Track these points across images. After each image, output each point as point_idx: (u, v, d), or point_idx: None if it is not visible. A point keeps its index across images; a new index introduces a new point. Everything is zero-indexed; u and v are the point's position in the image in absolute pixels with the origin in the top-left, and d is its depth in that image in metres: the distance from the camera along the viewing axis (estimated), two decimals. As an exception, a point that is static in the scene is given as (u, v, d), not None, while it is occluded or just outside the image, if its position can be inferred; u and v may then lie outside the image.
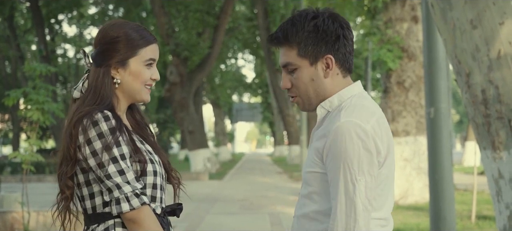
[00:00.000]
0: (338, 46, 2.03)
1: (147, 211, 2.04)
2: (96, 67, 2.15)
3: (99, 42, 2.17)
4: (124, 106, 2.22)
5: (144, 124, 2.31)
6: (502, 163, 4.39)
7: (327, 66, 2.03)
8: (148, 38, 2.18)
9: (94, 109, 2.06)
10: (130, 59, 2.15)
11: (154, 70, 2.20)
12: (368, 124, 1.92)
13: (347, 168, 1.90)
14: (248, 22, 30.58)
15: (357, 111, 1.95)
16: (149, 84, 2.20)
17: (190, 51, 21.62)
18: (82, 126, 2.03)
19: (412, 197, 12.03)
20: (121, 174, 2.02)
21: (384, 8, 12.32)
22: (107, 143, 2.01)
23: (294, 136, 30.95)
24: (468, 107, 4.60)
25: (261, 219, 10.43)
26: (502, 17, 4.24)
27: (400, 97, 12.20)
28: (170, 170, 2.28)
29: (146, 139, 2.27)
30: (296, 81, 2.06)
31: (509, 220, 4.41)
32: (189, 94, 22.11)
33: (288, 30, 2.04)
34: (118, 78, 2.16)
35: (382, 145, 1.93)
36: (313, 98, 2.06)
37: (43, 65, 7.55)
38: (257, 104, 51.77)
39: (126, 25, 2.18)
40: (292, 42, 2.04)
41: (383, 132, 1.95)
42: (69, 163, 2.08)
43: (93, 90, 2.12)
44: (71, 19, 34.45)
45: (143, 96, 2.19)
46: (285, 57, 2.07)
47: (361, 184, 1.89)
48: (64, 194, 2.13)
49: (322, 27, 2.01)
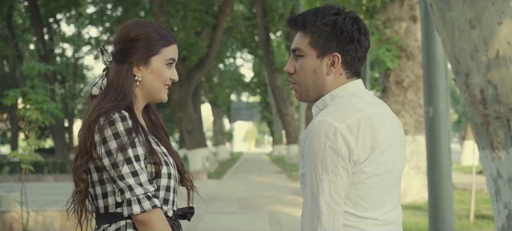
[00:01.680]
0: (350, 48, 2.03)
1: (158, 214, 2.04)
2: (117, 64, 2.16)
3: (121, 40, 2.18)
4: (142, 105, 2.22)
5: (160, 124, 2.32)
6: (500, 163, 4.40)
7: (332, 64, 2.03)
8: (169, 39, 2.21)
9: (113, 108, 2.06)
10: (152, 57, 2.16)
11: (174, 70, 2.22)
12: (343, 122, 1.92)
13: (313, 167, 1.92)
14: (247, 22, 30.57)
15: (336, 111, 1.96)
16: (168, 84, 2.20)
17: (188, 50, 21.62)
18: (98, 125, 2.04)
19: (411, 196, 12.05)
20: (134, 175, 2.02)
21: (382, 8, 12.33)
22: (122, 144, 2.01)
23: (292, 135, 30.96)
24: (466, 107, 4.61)
25: (260, 219, 10.44)
26: (500, 17, 4.25)
27: (399, 97, 12.21)
28: (184, 172, 2.28)
29: (161, 139, 2.27)
30: (299, 69, 2.07)
31: (507, 219, 4.42)
32: (188, 93, 22.11)
33: (308, 17, 2.05)
34: (139, 76, 2.17)
35: (356, 144, 1.93)
36: (311, 90, 2.07)
37: (42, 65, 7.55)
38: (255, 104, 51.78)
39: (147, 24, 2.20)
40: (308, 29, 2.04)
41: (364, 131, 1.94)
42: (84, 157, 2.07)
43: (115, 87, 2.13)
44: (69, 19, 34.42)
45: (162, 95, 2.20)
46: (297, 42, 2.08)
47: (325, 184, 1.91)
48: (78, 187, 2.12)
49: (340, 24, 2.02)
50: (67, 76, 36.11)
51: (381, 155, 1.98)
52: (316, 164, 1.92)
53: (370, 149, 1.95)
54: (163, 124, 2.34)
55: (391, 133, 2.03)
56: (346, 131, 1.92)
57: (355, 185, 1.96)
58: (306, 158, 1.95)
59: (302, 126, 22.63)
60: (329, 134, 1.91)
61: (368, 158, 1.95)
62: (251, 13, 30.29)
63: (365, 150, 1.95)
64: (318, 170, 1.92)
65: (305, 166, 1.97)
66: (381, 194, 2.01)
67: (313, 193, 1.92)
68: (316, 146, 1.92)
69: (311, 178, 1.93)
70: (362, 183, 1.96)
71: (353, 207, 1.97)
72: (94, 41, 34.55)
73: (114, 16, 31.48)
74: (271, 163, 33.42)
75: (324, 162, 1.91)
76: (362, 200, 1.97)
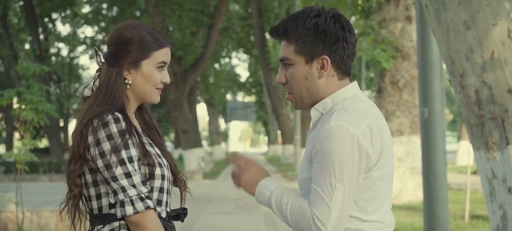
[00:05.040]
0: (337, 48, 2.01)
1: (151, 215, 2.04)
2: (108, 67, 2.15)
3: (112, 42, 2.17)
4: (134, 107, 2.22)
5: (153, 125, 2.31)
6: (495, 163, 4.41)
7: (322, 67, 2.01)
8: (162, 42, 2.18)
9: (105, 110, 2.06)
10: (142, 61, 2.15)
11: (165, 73, 2.21)
12: (358, 128, 1.91)
13: (329, 171, 1.90)
14: (242, 22, 30.57)
15: (348, 115, 1.93)
16: (159, 87, 2.19)
17: (184, 50, 21.60)
18: (92, 127, 2.04)
19: (406, 196, 12.06)
20: (127, 176, 2.02)
21: (378, 8, 12.34)
22: (116, 145, 2.01)
23: (288, 135, 30.95)
24: (461, 107, 4.62)
25: (255, 219, 10.44)
26: (495, 18, 4.26)
27: (394, 97, 12.23)
28: (177, 173, 2.29)
29: (154, 140, 2.27)
30: (290, 78, 2.05)
31: (502, 220, 4.43)
32: (183, 93, 22.09)
33: (288, 24, 2.02)
34: (130, 79, 2.16)
35: (372, 149, 1.93)
36: (305, 97, 2.05)
37: (37, 65, 7.52)
38: (251, 104, 51.75)
39: (140, 27, 2.18)
40: (291, 37, 2.02)
41: (376, 135, 1.94)
42: (78, 162, 2.07)
43: (105, 90, 2.12)
44: (64, 18, 34.34)
45: (153, 98, 2.19)
46: (283, 52, 2.05)
47: (339, 192, 1.89)
48: (72, 192, 2.13)
49: (322, 26, 1.99)
50: (62, 76, 36.03)
51: (386, 159, 1.99)
52: (333, 170, 1.89)
53: (379, 154, 1.96)
54: (156, 124, 2.34)
55: (389, 135, 2.03)
56: (363, 137, 1.91)
57: (363, 190, 1.96)
58: (320, 160, 1.92)
59: (297, 126, 22.60)
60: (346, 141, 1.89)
61: (377, 162, 1.96)
62: (247, 13, 30.27)
63: (376, 155, 1.95)
64: (334, 177, 1.89)
65: (316, 166, 1.94)
66: (382, 197, 2.01)
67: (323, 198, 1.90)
68: (334, 151, 1.89)
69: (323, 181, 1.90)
70: (370, 188, 1.97)
71: (359, 211, 1.97)
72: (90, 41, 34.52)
73: (109, 16, 31.43)
74: (267, 163, 33.40)
75: (342, 170, 1.89)
76: (367, 204, 1.97)
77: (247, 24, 30.23)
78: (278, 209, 2.01)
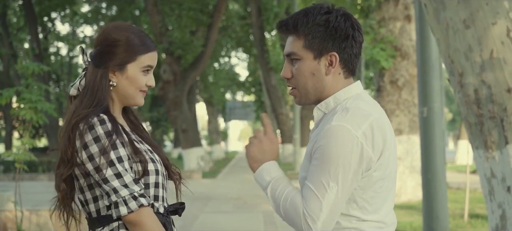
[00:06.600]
0: (345, 45, 2.00)
1: (147, 212, 2.04)
2: (94, 67, 2.14)
3: (99, 43, 2.16)
4: (119, 108, 2.22)
5: (139, 124, 2.31)
6: (494, 163, 4.41)
7: (330, 64, 2.01)
8: (149, 45, 2.17)
9: (91, 113, 2.05)
10: (128, 64, 2.14)
11: (150, 77, 2.20)
12: (359, 129, 1.91)
13: (326, 170, 1.90)
14: (242, 21, 30.53)
15: (350, 115, 1.93)
16: (143, 90, 2.19)
17: (183, 49, 21.59)
18: (78, 131, 2.03)
19: (405, 195, 12.07)
20: (118, 177, 2.01)
21: (377, 7, 12.34)
22: (103, 147, 2.01)
23: (287, 134, 30.92)
24: (461, 107, 4.62)
25: (254, 218, 10.44)
26: (495, 17, 4.26)
27: (393, 96, 12.23)
28: (170, 166, 2.28)
29: (143, 137, 2.26)
30: (297, 73, 2.04)
31: (501, 219, 4.43)
32: (183, 92, 22.08)
33: (299, 19, 2.01)
34: (114, 81, 2.15)
35: (373, 150, 1.93)
36: (310, 93, 2.04)
37: (36, 64, 7.52)
38: (250, 103, 51.70)
39: (128, 29, 2.17)
40: (300, 32, 2.01)
41: (377, 135, 1.94)
42: (66, 165, 2.07)
43: (90, 92, 2.12)
44: (64, 17, 34.31)
45: (137, 101, 2.19)
46: (290, 46, 2.04)
47: (332, 192, 1.90)
48: (57, 195, 2.14)
49: (333, 23, 1.98)
50: (61, 75, 36.01)
51: (387, 158, 1.98)
52: (329, 168, 1.90)
53: (380, 154, 1.95)
54: (142, 124, 2.34)
55: (392, 134, 2.03)
56: (363, 138, 1.91)
57: (363, 189, 1.96)
58: (319, 158, 1.92)
59: (296, 125, 22.59)
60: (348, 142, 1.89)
61: (378, 162, 1.95)
62: (246, 12, 30.26)
63: (377, 155, 1.95)
64: (329, 176, 1.90)
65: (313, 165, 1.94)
66: (384, 197, 2.01)
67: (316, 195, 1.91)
68: (333, 150, 1.90)
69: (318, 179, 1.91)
70: (370, 187, 1.96)
71: (359, 210, 1.97)
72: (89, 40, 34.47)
73: (109, 15, 31.42)
74: (266, 162, 33.35)
75: (337, 170, 1.89)
76: (367, 203, 1.97)
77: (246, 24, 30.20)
78: (272, 197, 2.02)
